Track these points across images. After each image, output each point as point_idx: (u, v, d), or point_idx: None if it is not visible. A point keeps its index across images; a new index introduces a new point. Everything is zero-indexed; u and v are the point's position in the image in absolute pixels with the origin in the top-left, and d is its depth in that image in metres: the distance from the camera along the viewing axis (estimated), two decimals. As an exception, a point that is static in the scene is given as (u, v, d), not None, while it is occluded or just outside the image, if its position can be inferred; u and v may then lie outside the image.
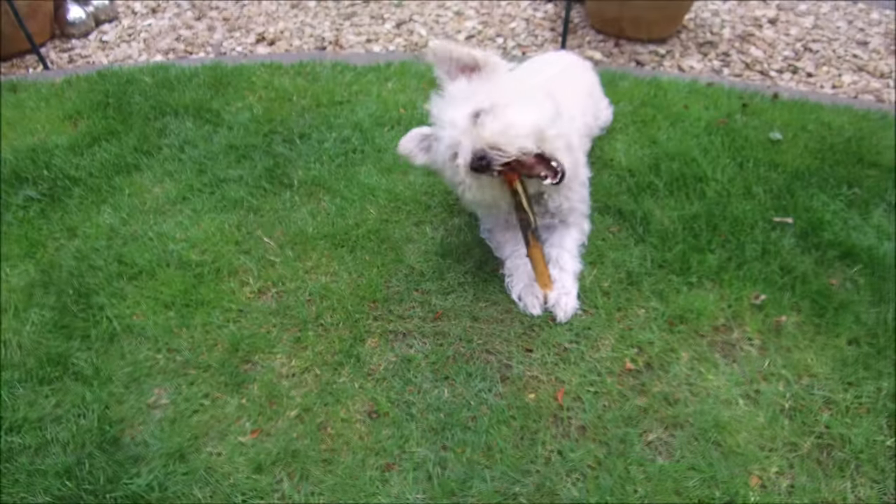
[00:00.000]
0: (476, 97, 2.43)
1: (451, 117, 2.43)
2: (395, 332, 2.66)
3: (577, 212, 2.91)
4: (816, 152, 3.65)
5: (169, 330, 2.72)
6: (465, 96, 2.46)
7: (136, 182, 3.55)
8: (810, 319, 2.69)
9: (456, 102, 2.46)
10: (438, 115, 2.51)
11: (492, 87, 2.47)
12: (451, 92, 2.52)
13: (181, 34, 5.53)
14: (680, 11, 5.11)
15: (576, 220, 2.92)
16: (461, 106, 2.43)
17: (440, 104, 2.54)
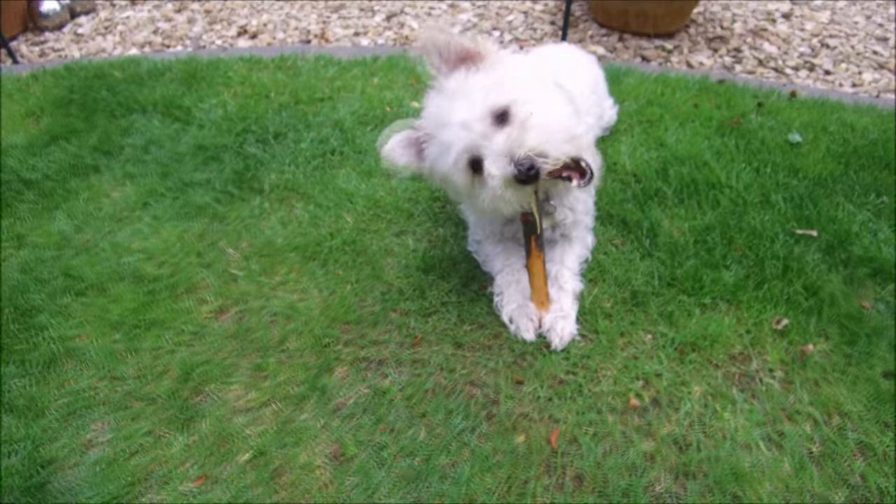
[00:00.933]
0: (486, 93, 2.05)
1: (464, 118, 2.04)
2: (368, 359, 2.34)
3: (581, 225, 2.59)
4: (839, 156, 3.32)
5: (114, 354, 2.41)
6: (469, 92, 2.07)
7: (94, 185, 3.24)
8: (840, 348, 2.36)
9: (461, 99, 2.07)
10: (439, 115, 2.12)
11: (500, 81, 2.09)
12: (450, 87, 2.13)
13: (159, 27, 5.22)
14: (688, 5, 4.79)
15: (579, 235, 2.60)
16: (470, 104, 2.05)
17: (438, 101, 2.15)
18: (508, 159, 1.98)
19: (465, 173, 2.11)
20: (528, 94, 2.08)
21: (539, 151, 1.97)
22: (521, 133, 1.99)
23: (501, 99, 2.04)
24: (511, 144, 1.98)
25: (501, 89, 2.06)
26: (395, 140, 2.24)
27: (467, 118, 2.03)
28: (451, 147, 2.07)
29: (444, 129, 2.09)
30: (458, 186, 2.17)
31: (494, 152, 2.00)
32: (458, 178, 2.12)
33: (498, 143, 1.99)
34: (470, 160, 2.08)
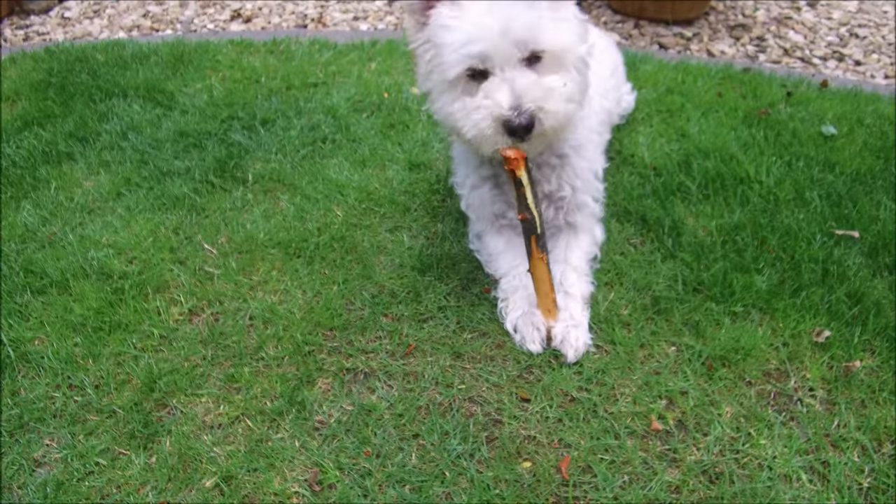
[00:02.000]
0: (540, 20, 1.90)
1: (505, 24, 1.86)
2: (354, 370, 2.07)
3: (587, 210, 2.32)
4: (878, 151, 3.04)
5: (73, 360, 2.15)
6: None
7: (66, 174, 2.99)
8: (888, 364, 2.09)
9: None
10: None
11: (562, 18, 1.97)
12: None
13: (149, 10, 4.97)
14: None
15: (585, 223, 2.33)
16: (522, 15, 1.88)
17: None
18: (512, 100, 1.87)
19: (461, 77, 1.96)
20: (577, 60, 2.00)
21: (541, 118, 1.89)
22: (544, 94, 1.89)
23: (556, 41, 1.92)
24: (528, 92, 1.87)
25: (558, 29, 1.94)
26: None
27: (511, 26, 1.87)
28: (471, 41, 1.90)
29: (474, 17, 1.90)
30: (444, 85, 2.02)
31: (506, 81, 1.89)
32: (451, 74, 1.96)
33: (519, 79, 1.88)
34: (477, 67, 1.93)
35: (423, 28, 2.04)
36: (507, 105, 1.87)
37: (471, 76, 1.95)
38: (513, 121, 1.87)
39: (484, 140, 1.95)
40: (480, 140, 1.96)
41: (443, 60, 1.97)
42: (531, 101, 1.87)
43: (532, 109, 1.87)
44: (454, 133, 2.09)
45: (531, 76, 1.91)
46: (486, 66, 1.92)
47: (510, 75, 1.89)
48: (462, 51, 1.90)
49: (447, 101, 2.02)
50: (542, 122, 1.90)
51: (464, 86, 1.97)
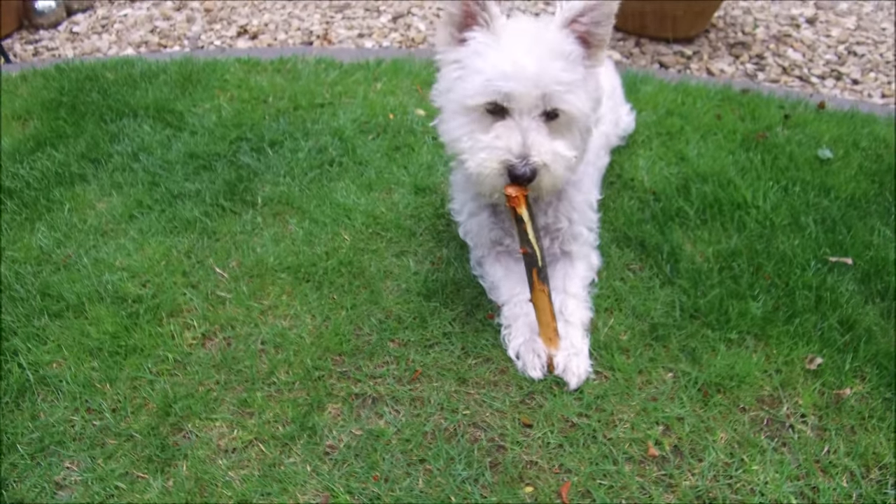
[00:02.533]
0: (577, 77, 1.99)
1: (538, 74, 1.92)
2: (363, 395, 2.14)
3: (581, 239, 2.39)
4: (873, 174, 3.11)
5: (91, 384, 2.22)
6: (560, 54, 1.97)
7: (79, 195, 3.05)
8: (878, 391, 2.16)
9: (544, 51, 1.95)
10: (514, 47, 1.97)
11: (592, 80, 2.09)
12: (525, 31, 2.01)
13: (157, 25, 5.04)
14: (709, 7, 4.57)
15: (581, 251, 2.41)
16: (557, 69, 1.95)
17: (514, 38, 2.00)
18: (522, 150, 1.95)
19: (480, 107, 2.02)
20: (585, 127, 2.10)
21: (542, 174, 1.98)
22: (552, 155, 1.98)
23: (577, 107, 2.00)
24: (538, 147, 1.96)
25: (583, 95, 2.02)
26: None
27: (546, 78, 1.93)
28: (504, 78, 1.94)
29: (513, 54, 1.95)
30: (460, 109, 2.06)
31: (521, 129, 1.97)
32: (472, 102, 2.01)
33: (533, 132, 1.97)
34: (498, 103, 1.98)
35: (455, 46, 2.09)
36: (517, 153, 1.94)
37: (489, 110, 2.01)
38: (517, 168, 1.94)
39: (485, 179, 2.02)
40: (482, 178, 2.02)
41: (467, 86, 2.02)
42: (538, 156, 1.95)
43: (537, 164, 1.95)
44: (457, 159, 2.14)
45: (544, 132, 1.98)
46: (509, 105, 1.97)
47: (527, 124, 1.96)
48: (491, 84, 1.95)
49: (457, 127, 2.08)
50: (542, 178, 1.98)
51: (479, 117, 2.03)
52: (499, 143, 1.97)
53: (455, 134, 2.09)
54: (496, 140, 1.98)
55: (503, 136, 1.97)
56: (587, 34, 2.03)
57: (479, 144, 2.00)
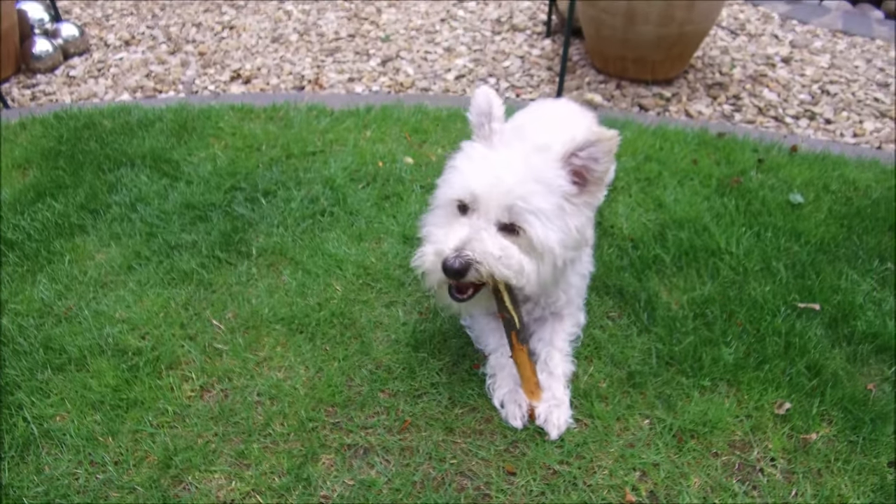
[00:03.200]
0: (539, 197, 2.04)
1: (508, 186, 2.01)
2: (355, 446, 2.25)
3: (572, 304, 2.51)
4: (842, 218, 3.25)
5: (93, 437, 2.32)
6: (538, 175, 2.05)
7: (79, 247, 3.16)
8: (844, 434, 2.28)
9: (517, 169, 2.04)
10: (497, 158, 2.11)
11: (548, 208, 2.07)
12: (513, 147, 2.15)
13: (152, 70, 5.17)
14: (687, 51, 4.73)
15: (569, 310, 2.52)
16: (519, 187, 2.02)
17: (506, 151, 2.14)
18: (459, 243, 1.99)
19: (453, 205, 2.13)
20: (556, 258, 2.09)
21: (478, 268, 2.00)
22: (490, 254, 2.00)
23: (541, 235, 2.02)
24: (478, 245, 1.99)
25: (555, 225, 2.04)
26: (491, 95, 2.21)
27: (514, 193, 2.00)
28: (478, 177, 2.05)
29: (492, 164, 2.07)
30: (439, 209, 2.21)
31: (472, 226, 2.02)
32: (449, 195, 2.13)
33: (482, 232, 2.01)
34: (464, 202, 2.09)
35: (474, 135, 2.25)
36: (452, 245, 1.99)
37: (459, 207, 2.12)
38: (448, 260, 1.97)
39: (426, 273, 2.10)
40: (422, 270, 2.11)
41: (449, 183, 2.15)
42: (473, 252, 1.97)
43: (469, 258, 1.97)
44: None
45: (494, 237, 2.02)
46: (472, 206, 2.06)
47: (479, 225, 2.02)
48: (464, 182, 2.07)
49: (431, 220, 2.22)
50: (477, 270, 1.99)
51: (450, 213, 2.15)
52: (443, 237, 2.05)
53: (426, 225, 2.23)
54: (444, 235, 2.06)
55: (451, 232, 2.05)
56: (584, 169, 2.07)
57: (431, 238, 2.11)
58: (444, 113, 4.19)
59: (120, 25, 5.97)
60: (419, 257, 2.11)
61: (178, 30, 5.84)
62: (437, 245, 2.05)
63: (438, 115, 4.17)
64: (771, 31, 5.82)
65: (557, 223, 2.04)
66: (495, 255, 1.99)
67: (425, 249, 2.09)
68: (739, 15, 6.14)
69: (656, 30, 4.39)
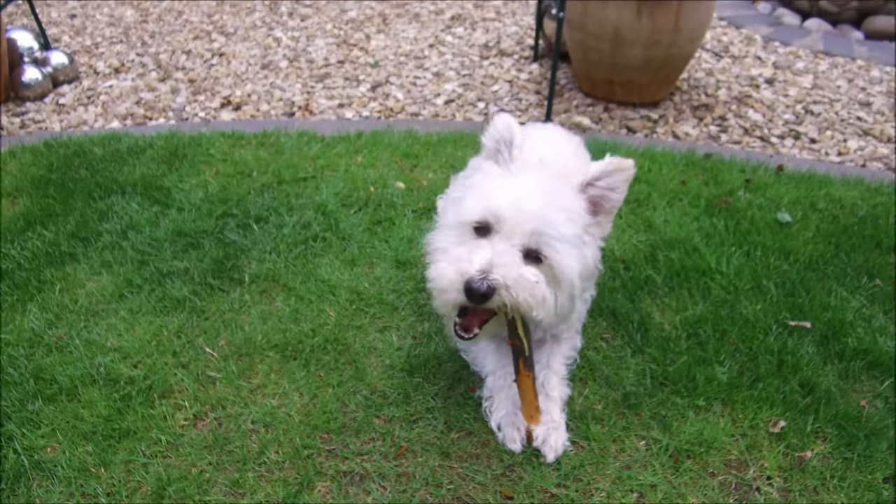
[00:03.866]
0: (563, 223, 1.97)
1: (534, 210, 1.94)
2: (351, 473, 2.23)
3: (572, 328, 2.52)
4: (830, 236, 3.29)
5: (85, 468, 2.29)
6: (555, 203, 1.99)
7: (70, 275, 3.14)
8: (839, 451, 2.29)
9: (541, 195, 1.98)
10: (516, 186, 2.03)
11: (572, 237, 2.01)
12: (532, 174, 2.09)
13: (142, 97, 5.18)
14: (673, 74, 4.80)
15: (568, 336, 2.53)
16: (550, 213, 1.96)
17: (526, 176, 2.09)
18: (485, 265, 1.89)
19: (469, 225, 2.02)
20: (571, 286, 2.02)
21: (502, 293, 1.90)
22: (517, 278, 1.90)
23: (563, 264, 1.95)
24: (504, 267, 1.89)
25: (575, 253, 1.99)
26: (512, 123, 2.17)
27: (542, 221, 1.93)
28: (502, 199, 1.96)
29: (516, 188, 2.00)
30: (451, 228, 2.08)
31: (495, 249, 1.92)
32: (465, 218, 2.03)
33: (506, 255, 1.91)
34: (487, 223, 1.98)
35: (487, 158, 2.21)
36: (478, 267, 1.88)
37: (476, 229, 2.01)
38: (474, 281, 1.86)
39: (442, 290, 1.96)
40: (439, 288, 1.97)
41: (467, 203, 2.05)
42: (500, 276, 1.87)
43: (497, 282, 1.87)
44: (429, 262, 2.13)
45: (517, 260, 1.93)
46: (495, 227, 1.96)
47: (502, 248, 1.92)
48: (488, 203, 1.97)
49: (442, 238, 2.08)
50: (501, 296, 1.90)
51: (465, 233, 2.03)
52: (465, 255, 1.94)
53: (437, 244, 2.10)
54: (465, 253, 1.95)
55: (473, 252, 1.94)
56: (601, 198, 2.06)
57: (448, 256, 1.99)
58: (435, 137, 4.22)
59: (109, 53, 6.00)
60: (436, 274, 1.98)
61: (167, 57, 5.87)
62: (460, 264, 1.92)
63: (429, 139, 4.20)
64: (754, 53, 5.91)
65: (578, 253, 1.99)
66: (530, 281, 1.92)
67: (444, 266, 1.96)
68: (723, 37, 6.23)
69: (643, 53, 4.45)
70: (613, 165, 2.03)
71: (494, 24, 6.42)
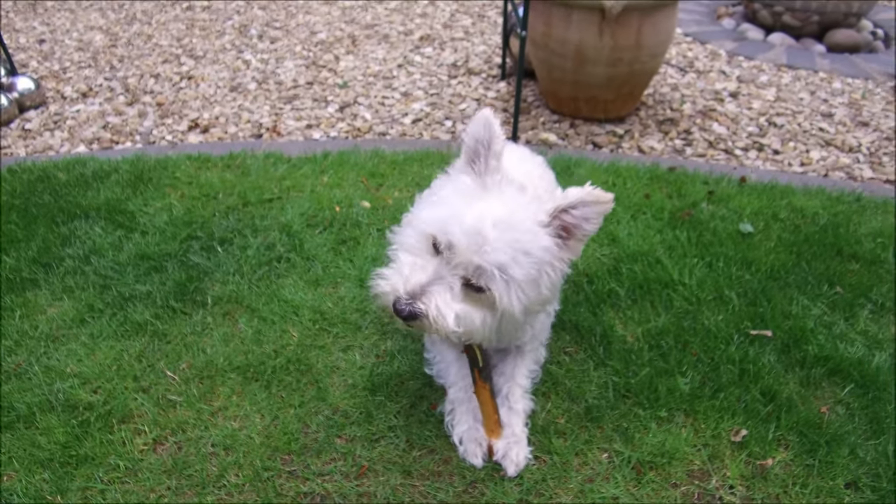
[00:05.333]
0: (507, 254, 1.88)
1: (476, 227, 1.86)
2: (312, 493, 2.21)
3: (536, 339, 2.52)
4: (791, 245, 3.33)
5: (42, 496, 2.25)
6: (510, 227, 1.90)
7: (30, 301, 3.10)
8: (800, 458, 2.30)
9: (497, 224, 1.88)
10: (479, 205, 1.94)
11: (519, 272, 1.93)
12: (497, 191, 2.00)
13: (109, 121, 5.15)
14: (637, 90, 4.86)
15: (532, 346, 2.52)
16: (493, 238, 1.87)
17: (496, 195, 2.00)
18: (415, 289, 1.88)
19: (427, 237, 1.96)
20: (512, 318, 1.98)
21: (424, 321, 1.89)
22: (441, 313, 1.88)
23: (505, 301, 1.90)
24: (433, 298, 1.88)
25: (520, 292, 1.92)
26: (491, 121, 2.01)
27: (490, 256, 1.85)
28: (461, 226, 1.88)
29: (479, 217, 1.89)
30: (414, 228, 2.02)
31: (435, 273, 1.89)
32: (425, 228, 1.97)
33: (443, 285, 1.89)
34: (438, 240, 1.92)
35: (463, 170, 2.10)
36: (409, 290, 1.88)
37: (434, 244, 1.96)
38: (400, 303, 1.88)
39: (376, 297, 1.99)
40: (374, 294, 1.99)
41: (433, 212, 2.01)
42: (425, 306, 1.87)
43: (420, 310, 1.87)
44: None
45: (456, 291, 1.90)
46: (445, 252, 1.91)
47: (443, 273, 1.89)
48: (447, 225, 1.90)
49: (403, 237, 2.05)
50: (421, 322, 1.90)
51: (423, 240, 1.99)
52: (405, 271, 1.93)
53: (396, 241, 2.07)
54: (406, 268, 1.94)
55: (414, 269, 1.92)
56: (573, 226, 1.96)
57: (396, 262, 1.99)
58: (401, 156, 4.23)
59: (77, 78, 5.97)
60: (376, 280, 1.98)
61: (136, 81, 5.85)
62: (394, 281, 1.92)
63: (395, 158, 4.21)
64: (719, 68, 6.00)
65: (527, 292, 1.93)
66: (445, 318, 1.87)
67: (385, 276, 1.96)
68: (688, 53, 6.33)
69: (605, 70, 4.50)
70: (592, 197, 1.91)
71: (463, 44, 6.48)
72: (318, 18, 7.18)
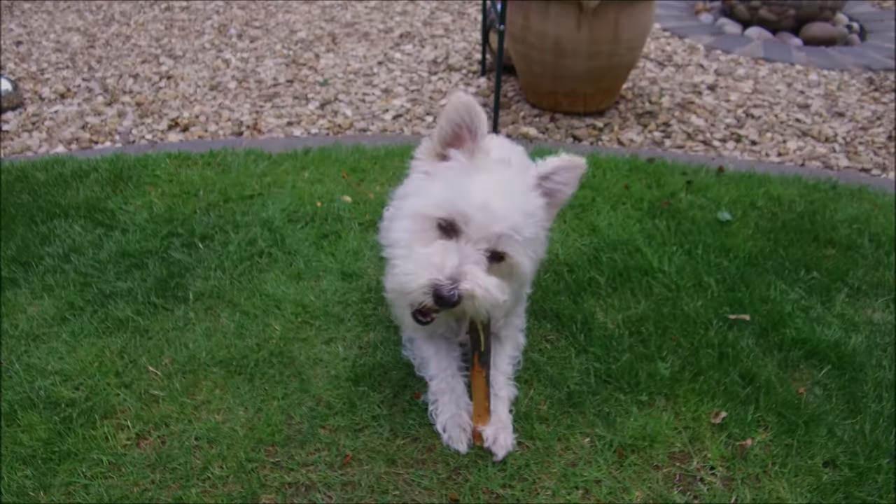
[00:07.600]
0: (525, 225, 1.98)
1: (499, 211, 1.93)
2: (296, 484, 2.22)
3: (512, 325, 2.54)
4: (769, 232, 3.37)
5: (24, 493, 2.23)
6: (516, 204, 1.99)
7: (10, 301, 3.08)
8: (779, 438, 2.34)
9: (505, 196, 1.97)
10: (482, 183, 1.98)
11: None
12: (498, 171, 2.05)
13: (88, 121, 5.12)
14: (616, 83, 4.90)
15: (510, 334, 2.55)
16: (511, 216, 1.96)
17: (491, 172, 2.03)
18: (455, 273, 1.89)
19: (432, 221, 1.99)
20: (523, 277, 2.11)
21: (466, 303, 1.92)
22: (484, 289, 1.91)
23: (523, 261, 2.01)
24: (472, 277, 1.90)
25: (531, 249, 2.05)
26: (473, 106, 2.01)
27: (508, 224, 1.93)
28: (471, 205, 1.93)
29: (484, 188, 1.96)
30: (414, 214, 2.04)
31: (463, 255, 1.92)
32: (430, 212, 1.99)
33: (472, 262, 1.92)
34: (453, 222, 1.95)
35: (434, 159, 2.13)
36: (448, 274, 1.88)
37: (441, 226, 1.98)
38: (444, 290, 1.87)
39: (409, 292, 1.94)
40: (406, 290, 1.95)
41: (431, 195, 2.03)
42: (469, 285, 1.89)
43: (465, 292, 1.89)
44: (388, 255, 2.11)
45: (483, 265, 1.95)
46: (462, 229, 1.94)
47: (469, 252, 1.92)
48: (456, 202, 1.94)
49: (402, 231, 2.05)
50: (464, 305, 1.92)
51: (426, 228, 2.01)
52: (434, 259, 1.92)
53: (396, 237, 2.06)
54: (432, 256, 1.93)
55: (440, 255, 1.92)
56: (554, 192, 2.11)
57: (414, 255, 1.96)
58: (382, 152, 4.24)
59: (55, 79, 5.92)
60: (403, 276, 1.95)
61: (115, 81, 5.81)
62: (429, 268, 1.90)
63: (376, 154, 4.21)
64: (697, 62, 6.06)
65: (536, 250, 2.08)
66: (491, 292, 1.93)
67: (411, 269, 1.93)
68: (666, 47, 6.38)
69: (584, 64, 4.54)
70: (567, 161, 2.11)
71: (443, 41, 6.49)
72: (298, 17, 7.17)
